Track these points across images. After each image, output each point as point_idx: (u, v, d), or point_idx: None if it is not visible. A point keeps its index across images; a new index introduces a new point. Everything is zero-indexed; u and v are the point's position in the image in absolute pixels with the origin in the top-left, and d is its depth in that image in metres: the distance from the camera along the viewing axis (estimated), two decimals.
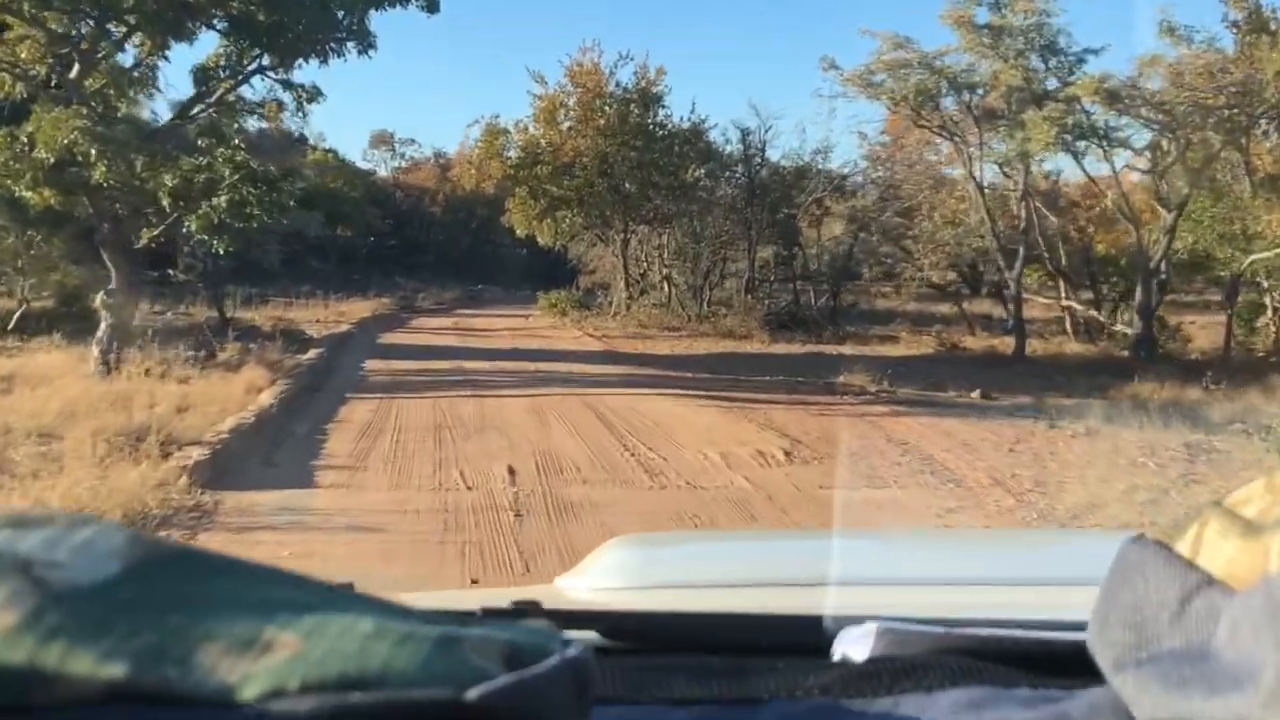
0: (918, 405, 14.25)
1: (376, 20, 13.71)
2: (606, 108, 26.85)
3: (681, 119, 27.82)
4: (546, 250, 57.84)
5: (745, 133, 28.44)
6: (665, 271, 29.00)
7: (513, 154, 27.14)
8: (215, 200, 13.44)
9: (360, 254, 53.10)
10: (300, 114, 14.03)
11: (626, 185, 26.97)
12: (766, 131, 28.36)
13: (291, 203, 15.17)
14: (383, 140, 54.80)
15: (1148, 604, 0.54)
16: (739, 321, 26.43)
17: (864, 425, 12.06)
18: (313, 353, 17.86)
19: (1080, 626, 0.63)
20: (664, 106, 27.44)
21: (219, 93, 13.49)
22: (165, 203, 13.68)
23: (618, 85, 27.05)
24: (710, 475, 9.12)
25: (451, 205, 54.21)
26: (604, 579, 1.57)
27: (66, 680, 0.42)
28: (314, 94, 14.00)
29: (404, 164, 55.73)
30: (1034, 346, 23.48)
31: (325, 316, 28.83)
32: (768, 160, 28.86)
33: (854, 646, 0.86)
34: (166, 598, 0.47)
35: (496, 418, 12.06)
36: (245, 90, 14.10)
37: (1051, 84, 20.65)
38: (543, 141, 27.02)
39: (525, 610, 1.06)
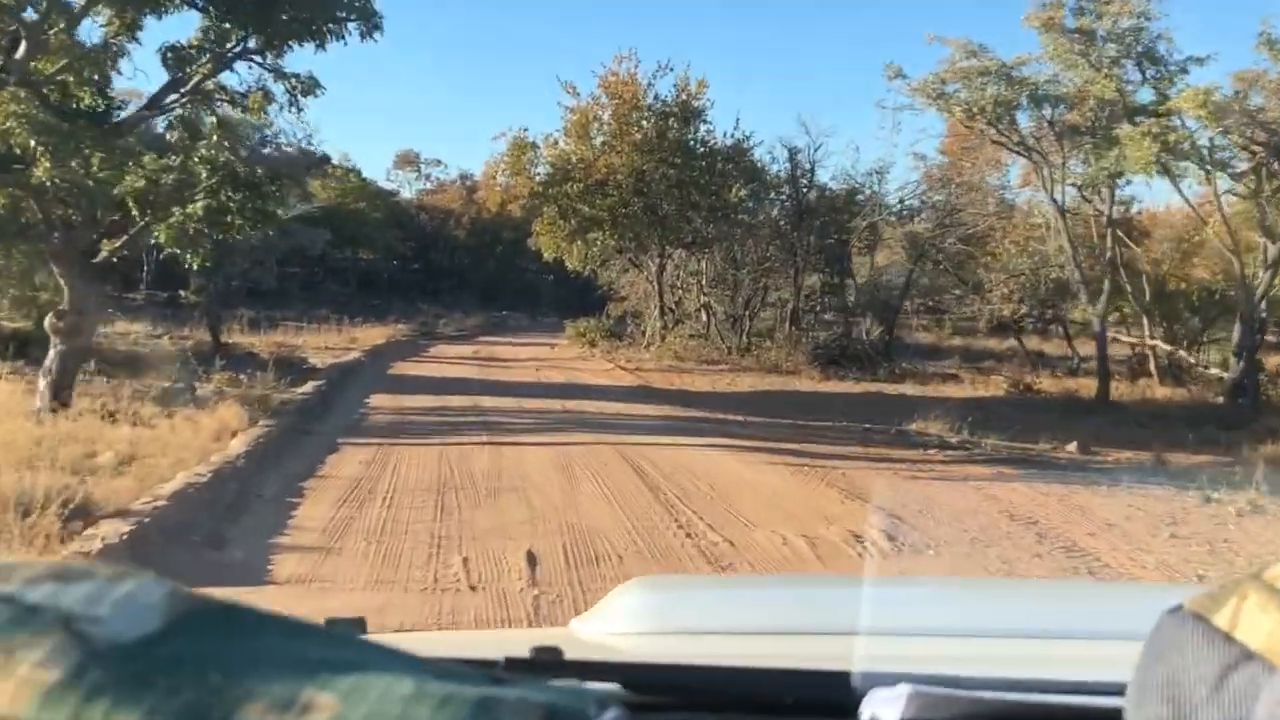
0: (1017, 463, 11.94)
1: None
2: (644, 121, 24.79)
3: (724, 135, 25.75)
4: (574, 276, 55.98)
5: (793, 151, 26.33)
6: (704, 300, 26.78)
7: (541, 170, 25.07)
8: (190, 207, 11.31)
9: (382, 278, 51.17)
10: (294, 108, 11.86)
11: (663, 205, 24.82)
12: (816, 150, 26.26)
13: (282, 211, 13.00)
14: (407, 160, 53.07)
15: (1185, 677, 0.54)
16: (784, 355, 24.19)
17: (969, 493, 9.75)
18: (310, 386, 15.71)
19: (1115, 689, 0.64)
20: (705, 121, 25.41)
21: (195, 80, 11.35)
22: (133, 209, 11.57)
23: (656, 98, 25.03)
24: (798, 572, 6.84)
25: (477, 228, 52.26)
26: (622, 623, 1.54)
27: None
28: (310, 85, 11.91)
29: (429, 185, 53.89)
30: (1117, 389, 21.11)
31: (336, 343, 26.76)
32: (816, 181, 26.70)
33: (884, 708, 0.86)
34: (207, 655, 0.47)
35: (515, 474, 9.83)
36: (231, 80, 11.93)
37: (1144, 96, 18.39)
38: (574, 157, 24.94)
39: (548, 661, 1.07)
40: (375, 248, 49.10)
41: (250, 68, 11.73)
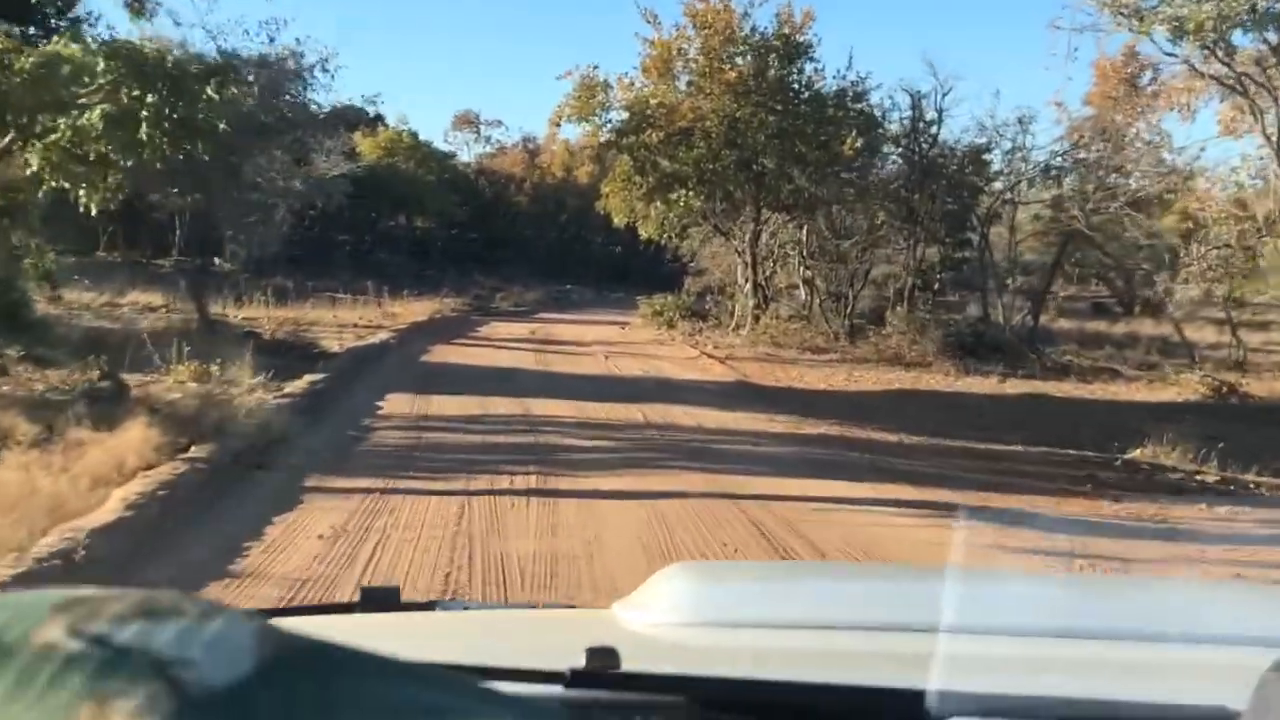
0: None
1: None
2: (738, 58, 20.40)
3: (835, 76, 21.27)
4: (645, 247, 51.76)
5: (915, 97, 21.80)
6: (805, 274, 22.40)
7: (614, 116, 20.81)
8: (86, 116, 7.25)
9: (436, 247, 47.39)
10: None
11: (761, 159, 20.44)
12: (944, 96, 21.68)
13: (221, 124, 8.92)
14: (466, 121, 49.07)
15: None
16: (908, 343, 19.78)
17: None
18: (305, 381, 11.70)
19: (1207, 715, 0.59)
20: (812, 59, 20.92)
21: None
22: None
23: (753, 30, 20.58)
24: None
25: (539, 195, 48.21)
26: (666, 613, 1.48)
27: None
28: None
29: (489, 149, 49.86)
30: None
31: (370, 319, 22.84)
32: (937, 137, 22.17)
33: None
34: (301, 701, 0.47)
35: (579, 560, 5.71)
36: None
37: None
38: (653, 100, 20.62)
39: (608, 671, 1.06)
40: (429, 214, 45.24)
41: None
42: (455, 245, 47.81)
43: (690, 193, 20.44)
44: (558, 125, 20.46)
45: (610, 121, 20.65)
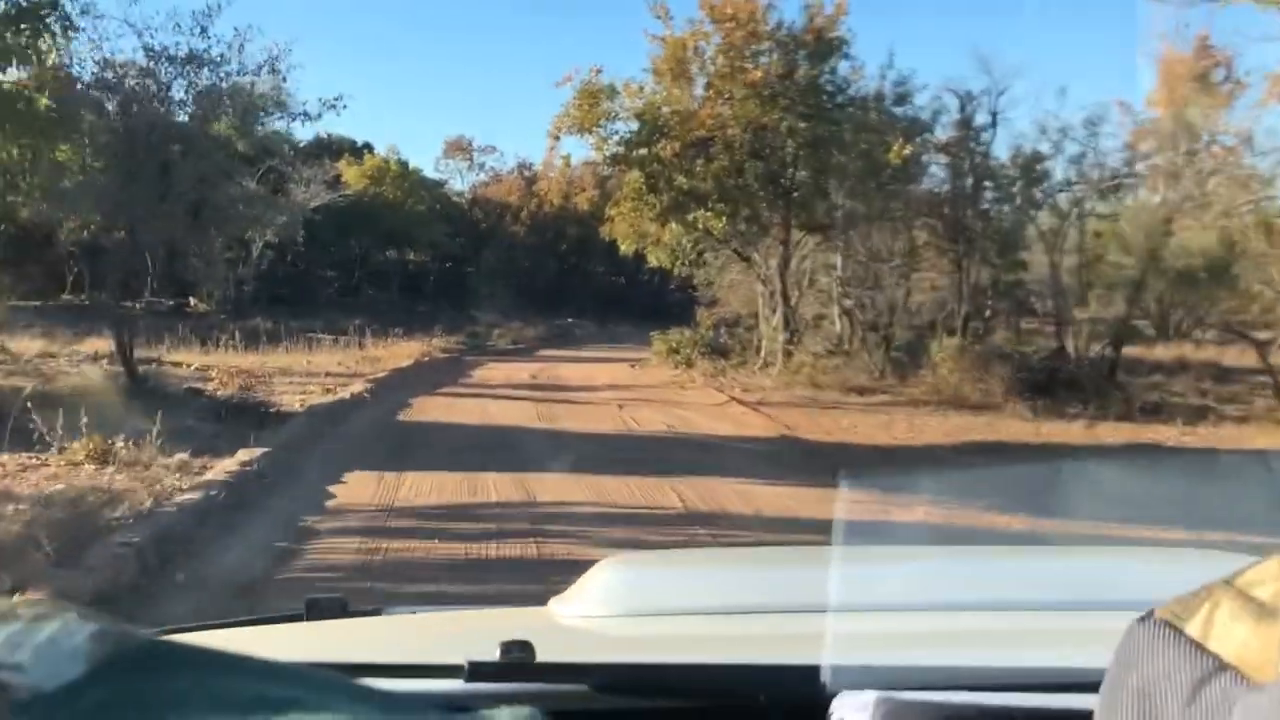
0: None
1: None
2: (763, 57, 17.75)
3: (873, 76, 18.61)
4: (649, 278, 49.17)
5: (966, 98, 19.13)
6: (846, 303, 19.66)
7: (620, 128, 18.10)
8: None
9: (428, 281, 44.70)
10: None
11: (792, 172, 17.75)
12: (999, 96, 19.01)
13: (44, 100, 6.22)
14: (458, 148, 46.41)
15: (1158, 688, 0.53)
16: (969, 380, 17.01)
17: None
18: (238, 459, 8.89)
19: (1088, 684, 0.63)
20: (848, 56, 18.26)
21: None
22: None
23: (779, 25, 17.93)
24: None
25: (537, 224, 45.57)
26: (595, 606, 1.54)
27: None
28: None
29: (483, 176, 47.22)
30: None
31: (348, 364, 20.10)
32: (991, 143, 19.50)
33: (852, 715, 0.86)
34: (136, 699, 0.45)
35: None
36: None
37: None
38: (665, 107, 17.94)
39: (518, 664, 1.09)
40: (420, 246, 42.58)
41: None
42: (449, 279, 45.13)
43: (710, 212, 17.71)
44: (556, 139, 17.81)
45: (617, 133, 17.98)
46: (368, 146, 43.31)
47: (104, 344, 23.62)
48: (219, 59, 12.65)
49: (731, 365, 20.43)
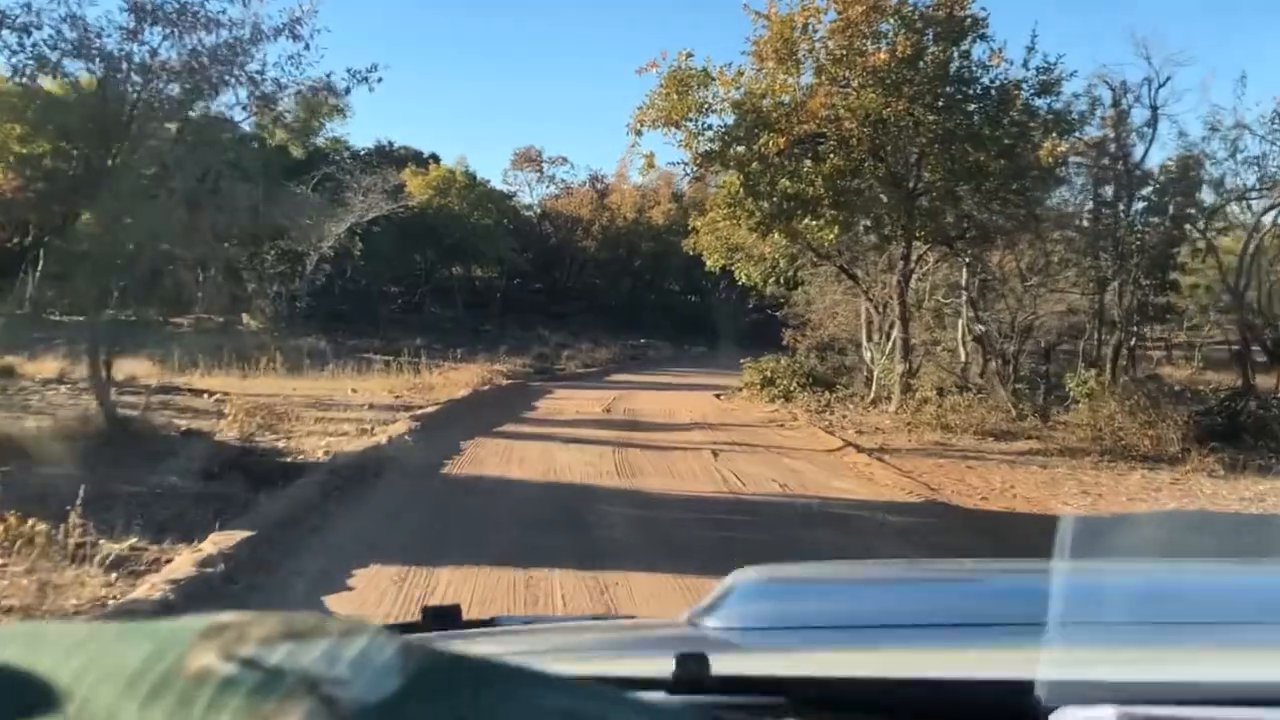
0: None
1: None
2: (885, 38, 14.96)
3: (1014, 63, 15.68)
4: (724, 295, 46.41)
5: (1120, 90, 16.16)
6: (977, 328, 16.72)
7: (714, 122, 15.36)
8: None
9: (495, 298, 42.29)
10: None
11: (919, 173, 14.93)
12: (1159, 88, 16.03)
13: None
14: (528, 159, 44.11)
15: None
16: (1133, 423, 14.01)
17: None
18: (190, 563, 6.27)
19: None
20: (983, 38, 15.38)
21: None
22: None
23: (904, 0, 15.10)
24: None
25: (609, 239, 43.05)
26: (745, 619, 1.45)
27: None
28: None
29: (554, 189, 44.82)
30: None
31: (398, 391, 17.67)
32: (1152, 141, 16.49)
33: None
34: (451, 713, 0.47)
35: None
36: None
37: None
38: (766, 99, 15.20)
39: (699, 675, 1.04)
40: (487, 262, 40.25)
41: None
42: (516, 296, 42.77)
43: (820, 221, 14.89)
44: (638, 134, 15.08)
45: (709, 128, 15.24)
46: (434, 158, 41.21)
47: (132, 366, 21.54)
48: (219, 19, 10.01)
49: (838, 399, 17.59)
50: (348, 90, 11.24)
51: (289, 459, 9.95)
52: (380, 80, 11.35)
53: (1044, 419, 15.54)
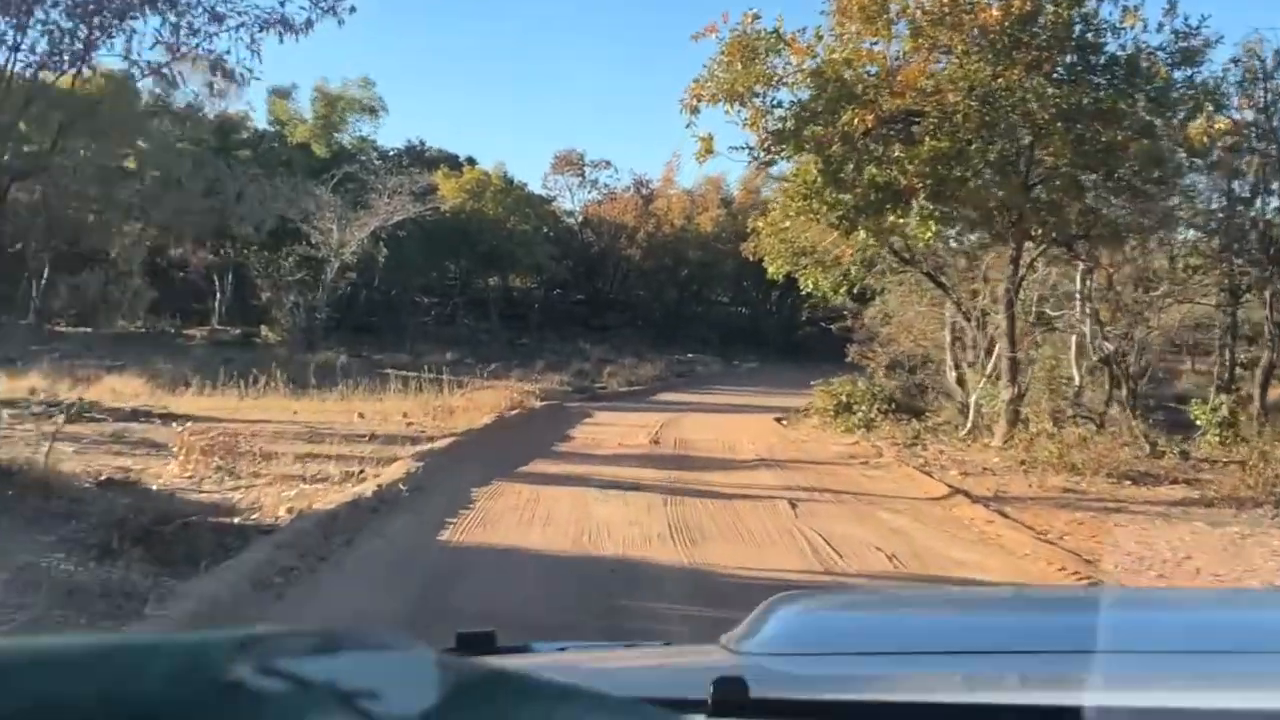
0: None
1: None
2: None
3: (1147, 26, 12.92)
4: (775, 307, 43.69)
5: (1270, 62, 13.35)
6: (1105, 346, 13.94)
7: (785, 98, 12.72)
8: None
9: (533, 310, 39.82)
10: None
11: (1036, 155, 12.25)
12: None
13: None
14: (568, 162, 41.58)
15: None
16: None
17: None
18: None
19: None
20: None
21: None
22: None
23: None
24: None
25: (655, 247, 40.43)
26: (781, 644, 1.44)
27: None
28: None
29: (596, 195, 42.29)
30: None
31: (415, 414, 15.27)
32: None
33: None
34: None
35: None
36: None
37: None
38: (848, 70, 12.55)
39: (738, 699, 1.02)
40: (524, 270, 37.79)
41: None
42: (556, 308, 40.28)
43: (921, 213, 12.19)
44: (694, 110, 12.46)
45: (780, 105, 12.61)
46: (470, 161, 38.86)
47: (118, 383, 19.23)
48: None
49: (927, 429, 14.89)
50: (309, 24, 8.68)
51: (235, 520, 7.44)
52: (353, 10, 8.85)
53: (1184, 456, 12.78)
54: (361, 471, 9.94)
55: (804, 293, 19.17)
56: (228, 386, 18.51)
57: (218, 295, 30.74)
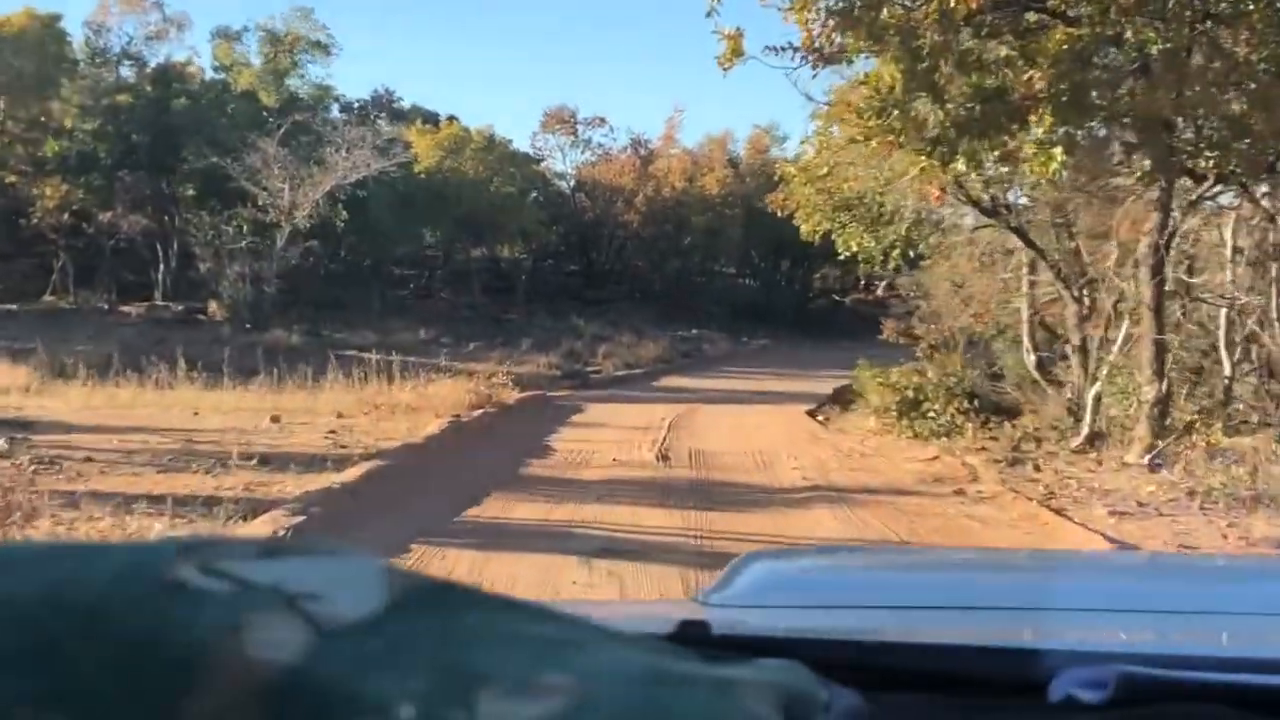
0: None
1: None
2: None
3: None
4: (785, 280, 39.89)
5: None
6: None
7: None
8: None
9: (520, 282, 35.98)
10: None
11: (1231, 46, 8.43)
12: None
13: None
14: (560, 119, 37.56)
15: None
16: None
17: None
18: None
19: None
20: None
21: None
22: None
23: None
24: None
25: (654, 212, 36.48)
26: (755, 597, 1.45)
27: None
28: None
29: (590, 156, 38.33)
30: None
31: (352, 413, 11.60)
32: None
33: (1083, 690, 0.80)
34: (434, 634, 0.47)
35: None
36: None
37: None
38: None
39: (699, 636, 1.01)
40: (509, 238, 33.94)
41: None
42: (547, 280, 36.44)
43: (1047, 132, 8.37)
44: (712, 12, 8.65)
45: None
46: (452, 118, 34.91)
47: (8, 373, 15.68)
48: None
49: (1023, 437, 11.13)
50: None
51: None
52: None
53: None
54: (246, 515, 6.21)
55: (841, 257, 15.43)
56: (147, 374, 14.92)
57: (160, 267, 26.87)
